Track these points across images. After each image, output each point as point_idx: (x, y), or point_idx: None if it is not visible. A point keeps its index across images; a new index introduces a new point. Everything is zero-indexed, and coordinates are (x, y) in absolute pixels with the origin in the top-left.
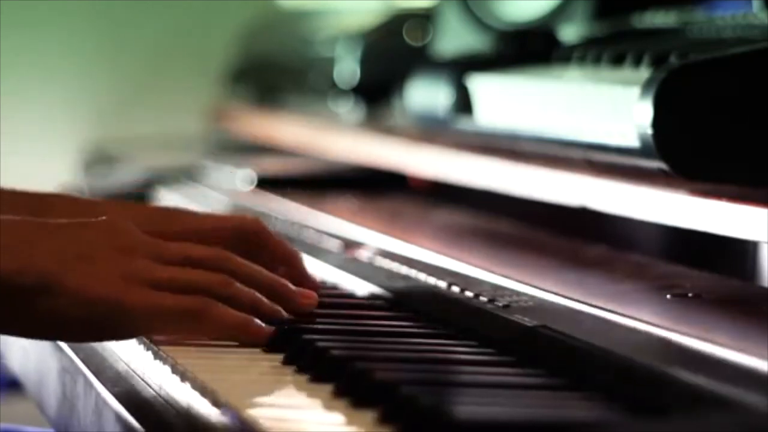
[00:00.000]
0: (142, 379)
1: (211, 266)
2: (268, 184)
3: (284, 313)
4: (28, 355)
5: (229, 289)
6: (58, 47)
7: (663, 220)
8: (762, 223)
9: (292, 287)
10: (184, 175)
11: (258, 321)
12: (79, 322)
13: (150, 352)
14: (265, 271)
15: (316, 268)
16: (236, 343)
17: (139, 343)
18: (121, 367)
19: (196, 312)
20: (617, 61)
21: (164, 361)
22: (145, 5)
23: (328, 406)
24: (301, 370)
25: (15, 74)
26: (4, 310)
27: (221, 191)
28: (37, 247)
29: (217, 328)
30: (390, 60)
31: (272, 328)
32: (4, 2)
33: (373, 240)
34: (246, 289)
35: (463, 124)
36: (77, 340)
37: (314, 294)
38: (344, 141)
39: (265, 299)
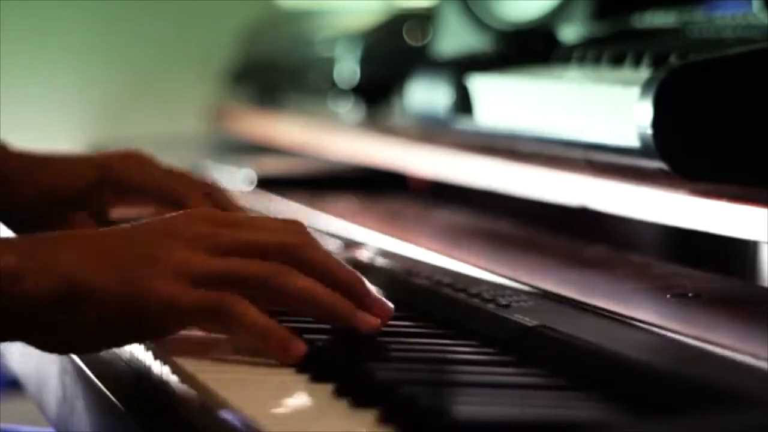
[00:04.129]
0: (143, 380)
1: (277, 255)
2: (268, 184)
3: (358, 319)
4: (28, 355)
5: (282, 279)
6: (59, 47)
7: (663, 220)
8: (762, 223)
9: (374, 293)
10: None
11: (289, 334)
12: (102, 325)
13: (150, 353)
14: (345, 266)
15: None
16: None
17: (140, 344)
18: (122, 367)
19: (216, 310)
20: (617, 61)
21: (164, 361)
22: (145, 5)
23: (328, 406)
24: (301, 370)
25: (15, 74)
26: (26, 326)
27: None
28: (62, 258)
29: (239, 329)
30: (390, 60)
31: (304, 346)
32: (5, 2)
33: (373, 240)
34: (307, 282)
35: (463, 124)
36: (98, 348)
37: (390, 309)
38: (344, 141)
39: (338, 297)
